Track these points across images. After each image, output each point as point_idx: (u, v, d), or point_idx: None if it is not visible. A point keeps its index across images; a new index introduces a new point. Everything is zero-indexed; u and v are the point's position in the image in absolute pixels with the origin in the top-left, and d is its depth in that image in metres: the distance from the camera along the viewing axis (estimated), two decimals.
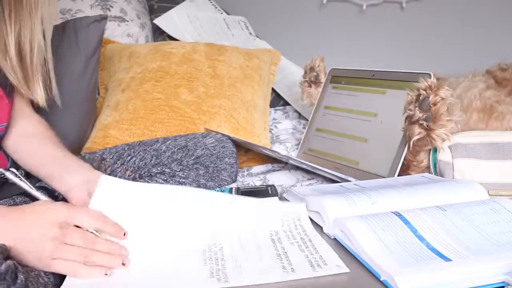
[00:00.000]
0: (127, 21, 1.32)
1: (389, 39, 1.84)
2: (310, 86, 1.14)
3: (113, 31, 1.31)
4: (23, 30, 0.71)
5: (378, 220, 0.53)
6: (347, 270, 0.48)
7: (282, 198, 0.71)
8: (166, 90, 1.09)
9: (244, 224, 0.60)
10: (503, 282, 0.43)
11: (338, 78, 1.06)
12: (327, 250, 0.53)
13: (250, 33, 1.53)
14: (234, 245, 0.55)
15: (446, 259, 0.46)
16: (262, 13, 1.80)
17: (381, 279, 0.45)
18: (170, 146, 0.87)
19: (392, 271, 0.44)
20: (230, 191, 0.70)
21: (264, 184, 0.92)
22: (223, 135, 0.93)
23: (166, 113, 1.06)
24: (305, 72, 1.16)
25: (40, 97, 0.75)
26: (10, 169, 0.62)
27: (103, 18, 1.07)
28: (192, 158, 0.85)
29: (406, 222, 0.53)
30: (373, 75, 0.97)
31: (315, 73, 1.13)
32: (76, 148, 1.03)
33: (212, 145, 0.88)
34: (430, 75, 0.84)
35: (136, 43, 1.33)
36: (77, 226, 0.53)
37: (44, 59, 0.75)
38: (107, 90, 1.18)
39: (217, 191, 0.70)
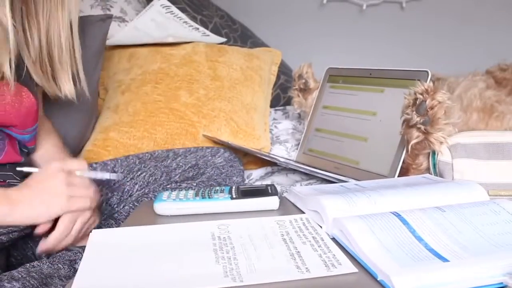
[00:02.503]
0: (127, 21, 1.32)
1: (389, 39, 1.84)
2: (298, 95, 1.12)
3: (113, 31, 1.31)
4: (52, 25, 0.73)
5: (377, 220, 0.53)
6: (355, 270, 0.48)
7: (282, 198, 0.71)
8: (166, 92, 1.09)
9: (252, 224, 0.61)
10: (501, 283, 0.43)
11: (335, 77, 1.06)
12: (339, 250, 0.53)
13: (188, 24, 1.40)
14: (246, 245, 0.55)
15: (444, 259, 0.46)
16: (262, 13, 1.80)
17: (378, 279, 0.45)
18: (181, 164, 0.90)
19: (389, 271, 0.44)
20: (230, 190, 0.70)
21: (264, 184, 0.93)
22: (231, 153, 0.95)
23: (166, 115, 1.06)
24: (294, 80, 1.14)
25: (69, 90, 0.78)
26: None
27: (108, 17, 1.08)
28: (205, 176, 0.89)
29: (404, 222, 0.53)
30: (370, 74, 0.97)
31: (303, 80, 1.11)
32: (76, 145, 1.04)
33: (221, 164, 0.91)
34: (427, 72, 0.84)
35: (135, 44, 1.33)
36: None
37: (70, 51, 0.77)
38: (107, 91, 1.18)
39: (218, 189, 0.70)
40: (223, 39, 1.37)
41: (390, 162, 0.84)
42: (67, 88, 0.78)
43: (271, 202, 0.67)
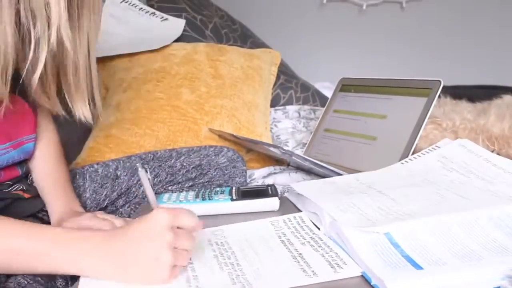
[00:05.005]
0: None
1: (389, 39, 1.85)
2: None
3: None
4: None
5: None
6: (361, 270, 0.48)
7: (282, 198, 0.72)
8: (168, 90, 1.10)
9: (248, 227, 0.61)
10: (498, 287, 0.43)
11: (348, 86, 1.06)
12: (340, 249, 0.53)
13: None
14: (245, 249, 0.54)
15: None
16: (262, 13, 1.80)
17: (372, 283, 0.46)
18: (185, 164, 0.89)
19: (383, 276, 0.44)
20: (230, 191, 0.70)
21: (264, 184, 0.93)
22: (234, 152, 0.94)
23: (168, 112, 1.06)
24: None
25: (86, 114, 0.69)
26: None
27: None
28: (207, 177, 0.89)
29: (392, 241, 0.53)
30: (382, 83, 0.97)
31: None
32: (75, 151, 1.04)
33: (224, 165, 0.91)
34: (440, 82, 0.84)
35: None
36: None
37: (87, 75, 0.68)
38: (108, 90, 1.18)
39: (218, 191, 0.71)
40: (183, 21, 1.34)
41: (397, 159, 0.84)
42: (82, 112, 0.68)
43: (271, 203, 0.67)
